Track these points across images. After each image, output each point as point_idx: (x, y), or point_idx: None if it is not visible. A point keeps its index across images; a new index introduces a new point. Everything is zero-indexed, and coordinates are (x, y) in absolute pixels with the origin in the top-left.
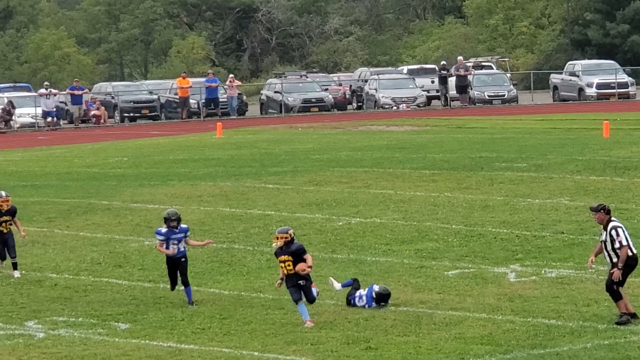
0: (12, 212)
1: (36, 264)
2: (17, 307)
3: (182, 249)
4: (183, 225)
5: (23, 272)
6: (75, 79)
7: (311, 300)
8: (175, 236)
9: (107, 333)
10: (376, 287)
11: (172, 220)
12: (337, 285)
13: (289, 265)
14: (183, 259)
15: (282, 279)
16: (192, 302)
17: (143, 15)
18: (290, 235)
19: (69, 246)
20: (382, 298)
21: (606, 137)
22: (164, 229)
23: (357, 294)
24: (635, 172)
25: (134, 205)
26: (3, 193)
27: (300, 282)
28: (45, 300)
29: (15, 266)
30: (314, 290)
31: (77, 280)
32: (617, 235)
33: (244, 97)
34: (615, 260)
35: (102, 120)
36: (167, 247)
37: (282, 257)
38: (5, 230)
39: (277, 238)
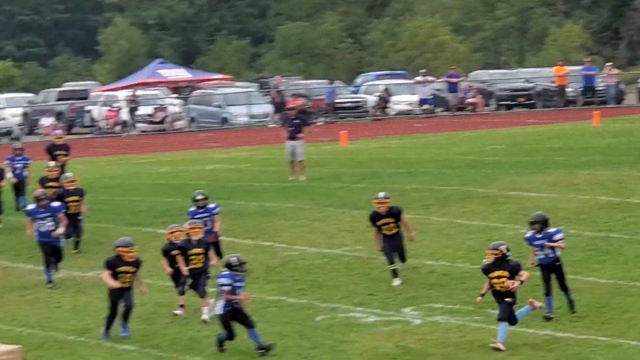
0: (394, 213)
1: (413, 251)
2: (394, 294)
3: (551, 255)
4: (550, 230)
5: None
6: (452, 67)
7: (514, 321)
8: (537, 242)
9: (484, 320)
10: None
11: None
12: None
13: (503, 281)
14: (558, 264)
15: (482, 295)
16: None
17: (519, 4)
18: (502, 251)
19: (446, 233)
20: None
21: None
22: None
23: None
24: None
25: (510, 193)
26: (381, 195)
27: (508, 299)
28: (422, 287)
29: (396, 274)
30: (527, 309)
31: (454, 267)
32: None
33: (621, 86)
34: None
35: (478, 108)
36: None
37: (497, 272)
38: (389, 233)
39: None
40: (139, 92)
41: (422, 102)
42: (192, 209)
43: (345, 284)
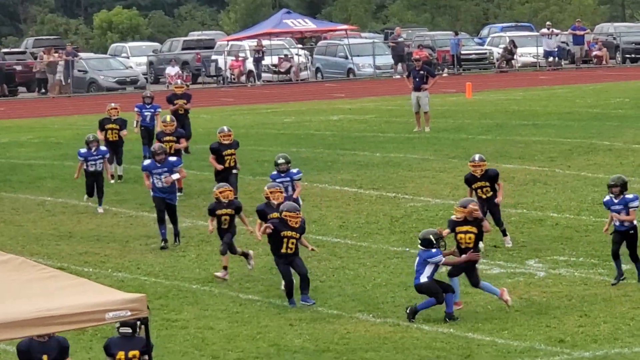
0: (489, 176)
1: (537, 203)
2: (518, 246)
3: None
4: (628, 195)
5: (524, 211)
6: (577, 19)
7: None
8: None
9: (607, 273)
10: None
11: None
12: None
13: (470, 237)
14: (632, 232)
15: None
16: None
17: None
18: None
19: (570, 186)
20: None
21: None
22: None
23: None
24: None
25: (635, 146)
26: (477, 157)
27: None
28: (546, 240)
29: (505, 233)
30: (494, 290)
31: (578, 220)
32: None
33: None
34: None
35: (603, 61)
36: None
37: (465, 227)
38: (484, 197)
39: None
40: (265, 42)
41: (548, 54)
42: (275, 172)
43: None
